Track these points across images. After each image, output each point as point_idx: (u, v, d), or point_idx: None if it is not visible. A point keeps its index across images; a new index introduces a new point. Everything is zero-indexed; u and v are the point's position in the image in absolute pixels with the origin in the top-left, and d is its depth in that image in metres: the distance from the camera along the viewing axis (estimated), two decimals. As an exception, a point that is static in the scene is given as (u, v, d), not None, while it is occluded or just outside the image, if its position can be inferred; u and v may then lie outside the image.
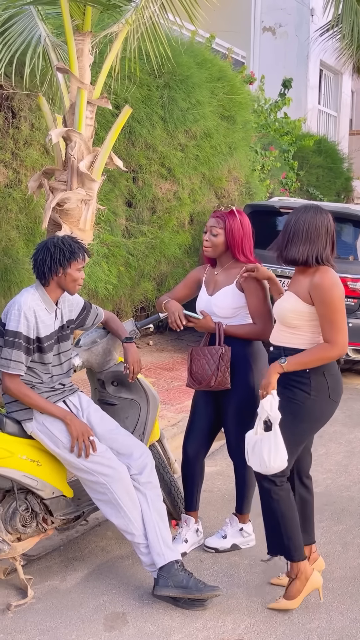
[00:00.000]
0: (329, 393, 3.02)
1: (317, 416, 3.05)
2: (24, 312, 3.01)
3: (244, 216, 3.52)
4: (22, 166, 5.84)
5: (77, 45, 4.66)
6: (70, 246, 3.09)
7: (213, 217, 3.50)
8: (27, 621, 2.97)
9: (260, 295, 3.42)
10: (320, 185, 11.93)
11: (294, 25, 13.26)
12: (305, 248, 2.95)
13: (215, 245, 3.47)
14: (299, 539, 3.08)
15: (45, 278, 3.09)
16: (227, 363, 3.36)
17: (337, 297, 2.93)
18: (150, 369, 7.04)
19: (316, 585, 3.12)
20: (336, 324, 2.92)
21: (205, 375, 3.39)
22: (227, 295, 3.44)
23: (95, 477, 3.08)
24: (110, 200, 6.81)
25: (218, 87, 7.98)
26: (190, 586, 3.02)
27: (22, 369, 3.04)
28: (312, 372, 2.98)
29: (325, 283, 2.93)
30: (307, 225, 2.96)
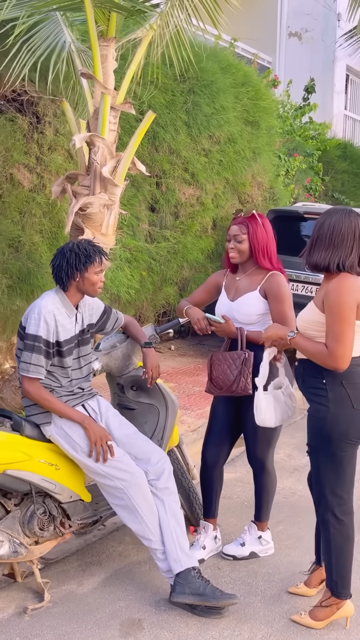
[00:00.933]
0: (352, 403, 2.81)
1: (343, 430, 2.82)
2: (43, 316, 3.02)
3: (266, 220, 3.50)
4: (47, 171, 5.88)
5: (102, 50, 4.69)
6: (85, 250, 3.10)
7: (235, 224, 3.47)
8: (43, 625, 2.98)
9: (284, 302, 3.38)
10: (345, 191, 11.85)
11: (320, 30, 13.21)
12: (328, 253, 2.79)
13: (242, 251, 3.44)
14: (349, 576, 2.96)
15: (64, 283, 3.11)
16: (250, 368, 3.33)
17: (345, 304, 2.72)
18: (171, 374, 7.04)
19: (346, 614, 3.01)
20: (336, 333, 2.73)
21: (227, 380, 3.36)
22: (251, 302, 3.42)
23: (112, 482, 3.08)
24: (134, 205, 6.83)
25: (242, 92, 7.97)
26: (207, 594, 3.00)
27: (42, 373, 3.05)
28: (329, 382, 2.83)
29: (336, 288, 2.75)
30: (331, 229, 2.80)
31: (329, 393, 2.84)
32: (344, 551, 2.92)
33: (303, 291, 7.13)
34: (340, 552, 2.92)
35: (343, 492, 2.90)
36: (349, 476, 2.91)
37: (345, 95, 14.26)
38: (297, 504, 4.25)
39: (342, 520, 2.91)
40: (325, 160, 11.30)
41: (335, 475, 2.89)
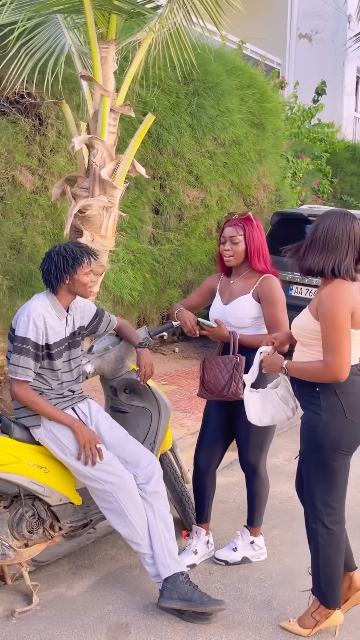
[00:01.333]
0: (344, 412, 2.74)
1: (335, 440, 2.77)
2: (32, 318, 3.02)
3: (259, 222, 3.48)
4: (49, 173, 5.90)
5: (101, 53, 4.69)
6: (73, 252, 3.09)
7: (229, 225, 3.44)
8: (30, 628, 2.97)
9: (277, 305, 3.35)
10: (354, 193, 11.80)
11: (331, 32, 13.17)
12: (322, 257, 2.70)
13: (238, 253, 3.41)
14: (339, 587, 2.92)
15: (53, 286, 3.10)
16: (242, 373, 3.30)
17: (339, 314, 2.64)
18: (174, 376, 7.03)
19: (335, 623, 2.96)
20: (331, 344, 2.66)
21: (219, 384, 3.34)
22: (244, 305, 3.39)
23: (101, 485, 3.07)
24: (137, 207, 6.83)
25: (248, 94, 7.95)
26: (195, 599, 2.98)
27: (30, 375, 3.05)
28: (322, 391, 2.77)
29: (329, 297, 2.67)
30: (325, 232, 2.71)
31: (322, 401, 2.79)
32: (331, 561, 2.88)
33: (307, 294, 7.10)
34: (328, 562, 2.88)
35: (334, 502, 2.85)
36: (340, 486, 2.86)
37: (355, 97, 14.21)
38: (294, 509, 4.21)
39: (332, 529, 2.86)
40: (334, 162, 11.26)
41: (326, 485, 2.85)
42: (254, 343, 3.35)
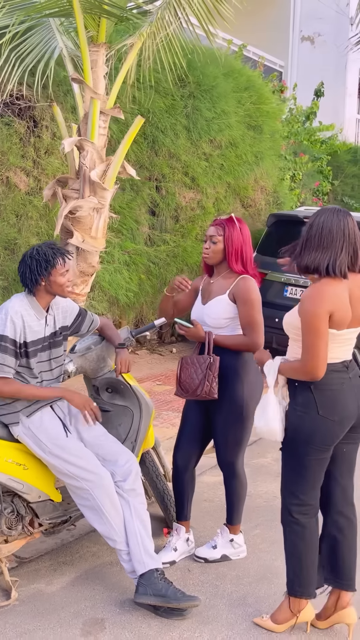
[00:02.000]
0: (317, 409, 2.77)
1: (308, 435, 2.80)
2: (10, 316, 3.07)
3: (243, 224, 3.49)
4: (43, 174, 5.96)
5: (92, 56, 4.75)
6: (45, 255, 3.12)
7: (212, 225, 3.50)
8: (6, 622, 3.01)
9: (252, 306, 3.37)
10: (355, 195, 11.81)
11: (333, 34, 13.19)
12: (318, 254, 2.71)
13: (215, 252, 3.46)
14: (307, 577, 2.94)
15: (30, 288, 3.15)
16: (215, 373, 3.33)
17: (315, 315, 2.65)
18: (169, 376, 7.07)
19: (306, 619, 2.99)
20: (307, 344, 2.69)
21: (193, 384, 3.37)
22: (219, 305, 3.43)
23: (78, 483, 3.12)
24: (133, 208, 6.88)
25: (245, 96, 7.99)
26: (169, 595, 3.02)
27: (8, 372, 3.08)
28: (299, 387, 2.81)
29: (309, 296, 2.69)
30: (320, 229, 2.71)
31: (298, 397, 2.83)
32: (297, 551, 2.92)
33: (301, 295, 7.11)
34: (294, 551, 2.93)
35: (301, 494, 2.90)
36: (310, 480, 2.89)
37: (357, 99, 14.21)
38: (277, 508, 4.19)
39: (297, 519, 2.90)
40: (335, 164, 11.28)
41: (294, 475, 2.90)
42: (228, 343, 3.38)
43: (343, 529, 2.98)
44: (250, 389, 3.37)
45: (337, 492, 2.98)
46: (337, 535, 2.98)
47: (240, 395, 3.36)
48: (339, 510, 2.98)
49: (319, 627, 3.04)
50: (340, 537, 2.97)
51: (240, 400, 3.36)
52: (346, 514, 2.99)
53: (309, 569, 2.94)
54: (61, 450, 3.11)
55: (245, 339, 3.36)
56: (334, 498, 2.98)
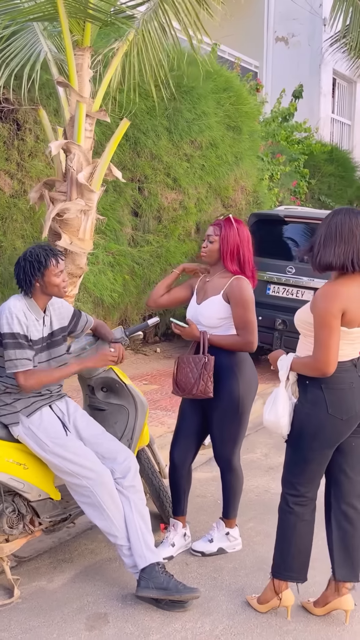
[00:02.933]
0: (327, 407, 2.86)
1: (314, 431, 2.90)
2: (15, 314, 3.12)
3: (242, 225, 3.54)
4: (27, 177, 5.98)
5: (77, 60, 4.79)
6: (38, 256, 3.17)
7: (212, 225, 3.57)
8: (10, 620, 3.06)
9: (245, 307, 3.44)
10: (332, 194, 11.97)
11: (307, 34, 13.34)
12: (341, 249, 2.79)
13: (211, 251, 3.53)
14: (293, 562, 3.05)
15: (25, 290, 3.20)
16: (210, 372, 3.40)
17: (328, 312, 2.74)
18: (155, 376, 7.13)
19: (287, 604, 3.10)
20: (319, 340, 2.78)
21: (189, 383, 3.44)
22: (213, 305, 3.49)
23: (79, 480, 3.17)
24: (116, 209, 6.93)
25: (224, 97, 8.08)
26: (170, 588, 3.09)
27: (28, 364, 3.13)
28: (310, 385, 2.90)
29: (323, 294, 2.79)
30: (339, 227, 2.81)
31: (308, 394, 2.92)
32: (287, 537, 3.05)
33: (284, 293, 7.23)
34: (284, 536, 3.05)
35: (299, 486, 3.01)
36: (310, 474, 2.99)
37: (332, 98, 14.40)
38: (269, 501, 4.34)
39: (292, 509, 3.02)
40: (311, 163, 11.42)
41: (296, 468, 3.00)
42: (222, 343, 3.45)
43: (353, 521, 3.07)
44: (246, 387, 3.46)
45: (346, 485, 3.07)
46: (347, 526, 3.07)
47: (236, 392, 3.44)
48: (349, 502, 3.07)
49: (317, 614, 3.14)
50: (349, 528, 3.07)
51: (236, 397, 3.44)
52: (355, 505, 3.08)
53: (295, 556, 3.06)
54: (61, 448, 3.16)
55: (239, 339, 3.43)
56: (343, 490, 3.07)
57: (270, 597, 3.11)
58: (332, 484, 3.10)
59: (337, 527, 3.10)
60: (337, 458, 3.04)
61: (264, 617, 3.11)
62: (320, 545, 3.28)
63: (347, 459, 3.06)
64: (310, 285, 7.01)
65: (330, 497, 3.12)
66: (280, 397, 2.95)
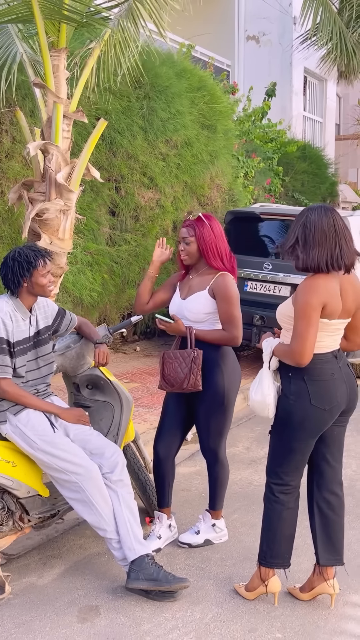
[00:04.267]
0: (310, 398, 2.95)
1: (299, 422, 2.98)
2: (1, 317, 3.16)
3: (213, 220, 3.62)
4: (4, 178, 5.99)
5: (53, 61, 4.82)
6: (27, 256, 3.22)
7: (183, 226, 3.62)
8: (3, 615, 3.10)
9: (230, 302, 3.52)
10: (305, 191, 12.11)
11: (277, 33, 13.48)
12: (316, 252, 2.87)
13: (191, 253, 3.60)
14: (279, 550, 3.14)
15: (12, 290, 3.24)
16: (199, 366, 3.48)
17: (309, 304, 2.83)
18: (136, 374, 7.18)
19: (274, 590, 3.18)
20: (297, 331, 2.86)
21: (178, 378, 3.51)
22: (199, 300, 3.56)
23: (68, 476, 3.22)
24: (93, 209, 6.96)
25: (198, 96, 8.15)
26: (160, 578, 3.15)
27: (7, 372, 3.19)
28: (293, 377, 2.99)
29: (304, 288, 2.88)
30: (313, 228, 2.88)
31: (292, 386, 3.01)
32: (272, 525, 3.13)
33: (262, 290, 7.32)
34: (270, 526, 3.13)
35: (283, 475, 3.10)
36: (294, 463, 3.09)
37: (303, 96, 14.56)
38: (253, 493, 4.42)
39: (277, 498, 3.11)
40: (285, 161, 11.55)
41: (280, 458, 3.09)
42: (208, 338, 3.53)
43: (335, 507, 3.18)
44: (230, 379, 3.53)
45: (328, 472, 3.17)
46: (329, 513, 3.17)
47: (222, 385, 3.52)
48: (331, 489, 3.17)
49: (303, 599, 3.22)
50: (331, 514, 3.17)
51: (221, 390, 3.52)
52: (336, 492, 3.18)
53: (281, 543, 3.15)
54: (49, 445, 3.21)
55: (225, 334, 3.50)
56: (326, 478, 3.17)
57: (257, 585, 3.19)
58: (315, 472, 3.20)
59: (320, 514, 3.19)
60: (320, 447, 3.14)
61: (251, 604, 3.19)
62: (305, 534, 3.38)
63: (329, 448, 3.15)
64: (286, 281, 7.11)
65: (313, 485, 3.21)
66: (265, 377, 3.05)
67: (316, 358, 2.96)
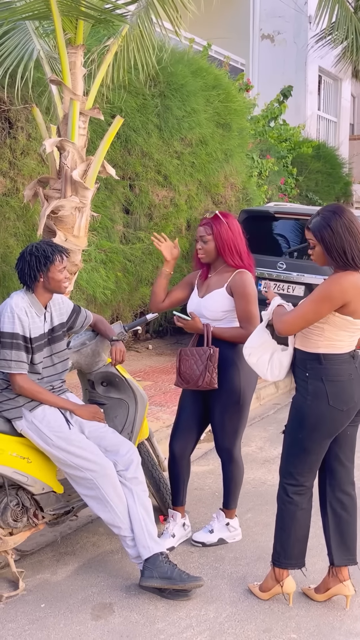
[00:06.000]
0: (327, 399, 2.94)
1: (315, 423, 2.97)
2: (16, 313, 3.16)
3: (231, 218, 3.61)
4: (20, 175, 6.00)
5: (70, 57, 4.82)
6: (44, 251, 3.22)
7: (201, 225, 3.62)
8: (17, 611, 3.10)
9: (248, 300, 3.51)
10: (319, 191, 12.06)
11: (292, 32, 13.43)
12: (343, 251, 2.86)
13: (208, 251, 3.59)
14: (293, 550, 3.12)
15: (29, 285, 3.24)
16: (215, 364, 3.47)
17: (327, 292, 2.83)
18: (148, 372, 7.18)
19: (288, 591, 3.16)
20: (301, 307, 2.91)
21: (194, 375, 3.50)
22: (217, 298, 3.55)
23: (83, 473, 3.21)
24: (108, 207, 6.95)
25: (213, 95, 8.12)
26: (174, 577, 3.14)
27: (24, 368, 3.19)
28: (310, 376, 2.98)
29: (330, 278, 2.89)
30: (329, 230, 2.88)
31: (309, 386, 2.99)
32: (286, 526, 3.11)
33: (275, 289, 7.29)
34: (283, 525, 3.12)
35: (298, 476, 3.08)
36: (308, 464, 3.07)
37: (318, 96, 14.50)
38: (266, 493, 4.40)
39: (292, 499, 3.09)
40: (299, 160, 11.50)
41: (296, 459, 3.07)
42: (225, 335, 3.52)
43: (347, 507, 3.16)
44: (247, 378, 3.52)
45: (341, 472, 3.15)
46: (342, 513, 3.15)
47: (238, 384, 3.51)
48: (343, 489, 3.16)
49: (317, 600, 3.20)
50: (344, 514, 3.15)
51: (237, 388, 3.51)
52: (349, 492, 3.17)
53: (295, 544, 3.13)
54: (65, 442, 3.20)
55: (242, 331, 3.49)
56: (338, 478, 3.15)
57: (272, 585, 3.17)
58: (327, 472, 3.17)
59: (333, 514, 3.17)
60: (333, 447, 3.12)
61: (266, 604, 3.17)
62: (319, 534, 3.35)
63: (342, 448, 3.14)
64: (301, 280, 7.08)
65: (326, 486, 3.19)
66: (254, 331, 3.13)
67: (334, 358, 2.95)
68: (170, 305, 3.81)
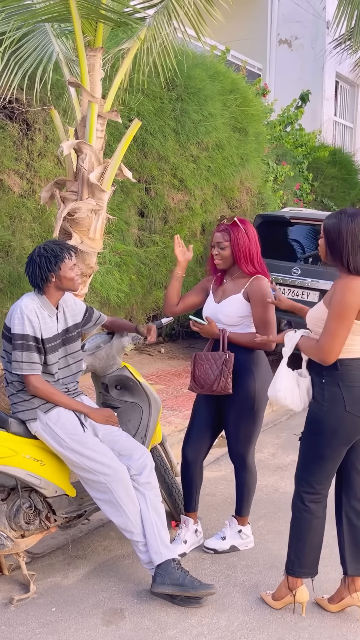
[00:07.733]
0: (344, 405, 2.91)
1: (333, 429, 2.94)
2: (26, 314, 3.15)
3: (248, 225, 3.59)
4: (36, 177, 6.01)
5: (89, 60, 4.81)
6: (53, 251, 3.22)
7: (218, 231, 3.59)
8: (28, 614, 3.09)
9: (265, 306, 3.49)
10: (334, 196, 12.01)
11: (310, 37, 13.39)
12: (337, 256, 2.88)
13: (225, 258, 3.57)
14: (307, 559, 3.10)
15: (40, 287, 3.23)
16: (230, 369, 3.45)
17: (347, 305, 2.79)
18: (160, 376, 7.16)
19: (302, 600, 3.13)
20: (329, 328, 2.82)
21: (208, 380, 3.48)
22: (234, 304, 3.54)
23: (96, 477, 3.20)
24: (123, 210, 6.95)
25: (230, 99, 8.11)
26: (186, 584, 3.12)
27: (36, 369, 3.18)
28: (327, 382, 2.94)
29: (343, 288, 2.83)
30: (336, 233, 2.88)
31: (326, 393, 2.96)
32: (302, 535, 3.07)
33: (290, 294, 7.26)
34: (299, 534, 3.08)
35: (315, 483, 3.04)
36: (325, 471, 3.03)
37: (335, 101, 14.45)
38: (279, 500, 4.37)
39: (308, 507, 3.05)
40: (314, 166, 11.46)
41: (313, 466, 3.03)
42: (241, 341, 3.50)
43: None
44: (262, 384, 3.49)
45: (357, 481, 3.11)
46: (357, 522, 3.11)
47: (252, 390, 3.48)
48: (359, 498, 3.11)
49: (331, 611, 3.17)
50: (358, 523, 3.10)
51: (252, 395, 3.48)
52: None
53: (309, 553, 3.10)
54: (79, 445, 3.19)
55: None
56: (354, 487, 3.11)
57: (285, 594, 3.14)
58: (343, 481, 3.14)
59: (348, 524, 3.13)
60: (349, 455, 3.08)
61: (278, 613, 3.14)
62: (332, 543, 3.32)
63: (359, 456, 3.09)
64: (315, 286, 7.04)
65: (341, 494, 3.15)
66: (280, 373, 3.03)
67: (351, 363, 2.91)
68: (184, 309, 3.79)
